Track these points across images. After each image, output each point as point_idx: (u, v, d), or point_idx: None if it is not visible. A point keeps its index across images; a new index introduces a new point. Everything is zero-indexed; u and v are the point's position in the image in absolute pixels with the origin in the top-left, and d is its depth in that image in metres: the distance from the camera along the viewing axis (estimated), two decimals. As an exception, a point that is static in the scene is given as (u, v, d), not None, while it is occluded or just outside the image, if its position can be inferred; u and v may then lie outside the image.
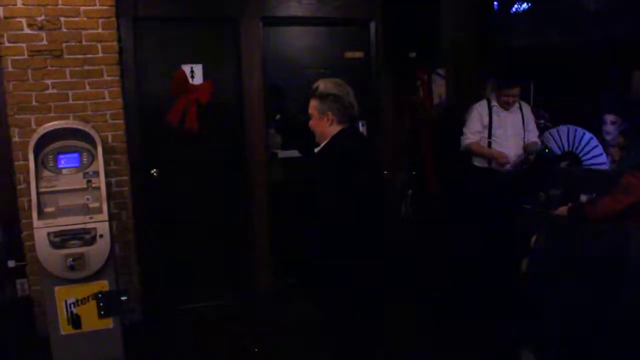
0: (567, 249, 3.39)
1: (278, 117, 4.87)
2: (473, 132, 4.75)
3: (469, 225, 4.78)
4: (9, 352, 3.93)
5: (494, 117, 4.71)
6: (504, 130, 4.72)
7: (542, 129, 5.15)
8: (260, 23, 4.65)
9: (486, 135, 4.73)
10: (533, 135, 4.82)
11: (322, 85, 2.91)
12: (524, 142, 4.76)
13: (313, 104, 2.92)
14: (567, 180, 4.52)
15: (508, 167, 4.69)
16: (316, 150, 2.97)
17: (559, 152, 4.82)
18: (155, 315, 4.45)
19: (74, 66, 4.04)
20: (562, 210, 3.61)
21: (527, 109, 4.87)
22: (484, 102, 4.78)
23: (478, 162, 4.80)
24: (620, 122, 4.36)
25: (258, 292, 4.83)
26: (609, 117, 4.42)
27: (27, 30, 3.92)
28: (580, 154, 4.74)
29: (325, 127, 2.90)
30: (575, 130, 4.75)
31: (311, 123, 2.95)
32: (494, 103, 4.73)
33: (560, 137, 4.87)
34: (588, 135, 4.64)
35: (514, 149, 4.73)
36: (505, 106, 4.70)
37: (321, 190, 2.81)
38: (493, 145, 4.72)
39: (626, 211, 3.26)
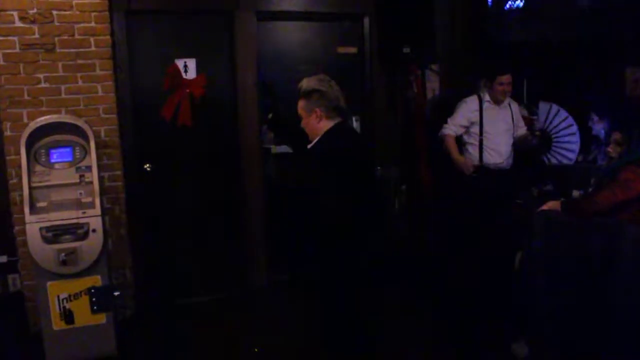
0: (561, 245, 3.40)
1: (270, 116, 4.85)
2: (456, 125, 4.77)
3: (461, 221, 4.79)
4: (1, 348, 3.91)
5: (485, 113, 4.72)
6: (495, 127, 4.73)
7: (534, 125, 5.17)
8: (255, 17, 4.63)
9: (477, 132, 4.74)
10: (522, 132, 4.84)
11: (305, 83, 2.91)
12: (514, 138, 4.78)
13: (300, 104, 2.93)
14: (559, 176, 4.55)
15: (503, 164, 4.71)
16: (308, 147, 2.96)
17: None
18: (149, 311, 4.43)
19: (67, 60, 4.01)
20: (552, 204, 3.60)
21: (515, 105, 4.91)
22: (474, 98, 4.79)
23: (469, 160, 4.81)
24: (607, 119, 4.38)
25: (252, 287, 4.82)
26: (594, 115, 4.45)
27: (18, 24, 3.88)
28: (553, 132, 4.80)
29: (314, 124, 2.89)
30: (551, 106, 4.80)
31: (302, 122, 2.95)
32: (486, 99, 4.74)
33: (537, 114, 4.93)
34: (564, 113, 4.68)
35: (505, 145, 4.75)
36: (500, 97, 4.69)
37: (314, 188, 2.81)
38: (485, 142, 4.73)
39: (621, 207, 3.27)
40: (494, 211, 4.50)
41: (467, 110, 4.75)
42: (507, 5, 5.39)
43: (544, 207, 3.60)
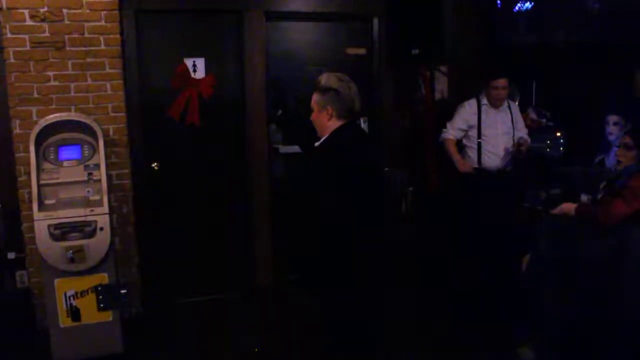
0: (568, 248, 3.39)
1: (280, 112, 4.87)
2: (455, 129, 4.78)
3: (466, 224, 4.78)
4: (8, 344, 3.93)
5: (484, 116, 4.72)
6: (493, 129, 4.72)
7: (543, 128, 5.15)
8: (264, 17, 4.63)
9: (475, 135, 4.73)
10: (522, 134, 4.82)
11: (325, 79, 2.88)
12: (514, 140, 4.75)
13: (315, 97, 2.90)
14: (567, 180, 4.52)
15: (498, 164, 4.70)
16: (316, 144, 2.96)
17: None
18: (155, 309, 4.45)
19: (76, 58, 4.03)
20: (567, 207, 3.56)
21: (515, 108, 4.89)
22: (473, 101, 4.78)
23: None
24: (623, 122, 4.34)
25: (258, 287, 4.83)
26: (612, 118, 4.40)
27: (29, 22, 3.91)
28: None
29: (324, 121, 2.88)
30: None
31: (312, 116, 2.94)
32: (484, 101, 4.73)
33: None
34: None
35: (503, 147, 4.73)
36: (495, 102, 4.68)
37: (320, 187, 2.80)
38: (483, 145, 4.72)
39: (636, 215, 3.24)
40: (496, 213, 4.48)
41: (465, 113, 4.75)
42: (517, 8, 5.38)
43: (556, 211, 3.57)
